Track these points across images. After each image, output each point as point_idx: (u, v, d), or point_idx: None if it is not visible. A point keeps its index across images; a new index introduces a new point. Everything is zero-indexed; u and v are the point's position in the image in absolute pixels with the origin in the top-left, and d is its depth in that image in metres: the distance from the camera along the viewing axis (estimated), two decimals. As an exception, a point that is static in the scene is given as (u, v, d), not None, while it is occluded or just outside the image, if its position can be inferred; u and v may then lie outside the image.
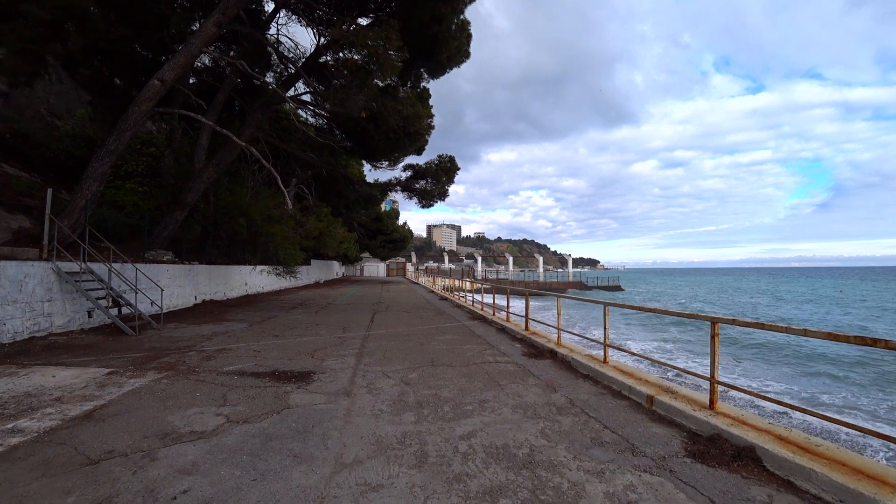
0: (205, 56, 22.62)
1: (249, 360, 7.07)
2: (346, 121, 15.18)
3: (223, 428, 4.17)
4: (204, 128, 17.00)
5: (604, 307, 6.73)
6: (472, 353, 7.89)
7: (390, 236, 50.48)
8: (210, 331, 10.14)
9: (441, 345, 8.63)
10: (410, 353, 7.70)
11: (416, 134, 14.43)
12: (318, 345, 8.42)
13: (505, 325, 10.99)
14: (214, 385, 5.59)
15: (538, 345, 8.51)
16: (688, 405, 4.80)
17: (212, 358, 7.18)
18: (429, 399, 5.10)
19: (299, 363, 6.84)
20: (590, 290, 63.98)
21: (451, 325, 11.54)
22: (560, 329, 8.28)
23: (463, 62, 14.22)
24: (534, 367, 6.91)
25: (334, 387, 5.55)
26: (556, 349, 7.84)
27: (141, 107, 11.66)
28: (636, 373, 6.16)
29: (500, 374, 6.34)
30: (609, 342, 6.72)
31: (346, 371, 6.36)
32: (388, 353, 7.67)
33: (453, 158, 18.85)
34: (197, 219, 18.37)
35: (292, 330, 10.37)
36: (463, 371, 6.48)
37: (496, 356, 7.65)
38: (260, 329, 10.47)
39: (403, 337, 9.52)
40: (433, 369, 6.56)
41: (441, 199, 19.92)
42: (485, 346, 8.55)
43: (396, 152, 16.36)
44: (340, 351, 7.86)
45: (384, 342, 8.81)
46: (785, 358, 18.41)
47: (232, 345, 8.37)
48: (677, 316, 5.62)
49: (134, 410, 4.64)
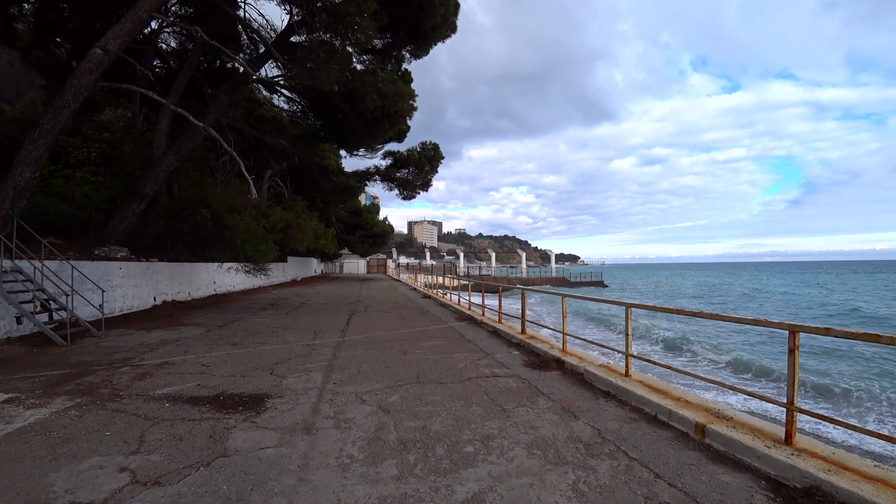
0: (171, 39, 21.02)
1: (193, 378, 5.73)
2: (317, 100, 13.71)
3: (121, 496, 2.88)
4: (164, 110, 15.44)
5: (626, 310, 5.58)
6: (464, 363, 6.68)
7: (370, 231, 48.89)
8: (159, 338, 8.73)
9: (427, 353, 7.39)
10: (391, 366, 6.44)
11: (397, 115, 12.95)
12: (281, 355, 7.10)
13: (498, 328, 9.81)
14: (136, 418, 4.27)
15: (540, 352, 7.34)
16: (756, 439, 3.68)
17: (147, 376, 5.82)
18: (416, 436, 3.86)
19: (253, 382, 5.53)
20: (577, 287, 63.43)
21: (437, 328, 10.32)
22: (566, 333, 7.13)
23: (449, 36, 12.91)
24: (541, 381, 5.73)
25: (291, 418, 4.27)
26: (563, 357, 6.69)
27: (81, 79, 10.12)
28: (668, 389, 5.04)
29: (503, 394, 5.14)
30: (631, 351, 5.58)
31: (309, 393, 5.08)
32: (365, 366, 6.40)
33: (437, 146, 17.44)
34: (159, 212, 16.78)
35: (255, 336, 9.01)
36: (456, 390, 5.26)
37: (493, 367, 6.45)
38: (218, 335, 9.09)
39: (383, 343, 8.25)
40: (419, 388, 5.32)
41: (424, 189, 18.54)
42: (478, 355, 7.35)
43: (374, 137, 14.80)
44: (307, 363, 6.56)
45: (360, 351, 7.53)
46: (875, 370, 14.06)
47: (178, 357, 7.00)
48: (738, 322, 4.47)
49: (4, 465, 3.30)
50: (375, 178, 19.19)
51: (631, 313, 5.57)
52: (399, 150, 18.16)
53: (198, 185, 15.65)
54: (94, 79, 10.34)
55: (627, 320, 5.57)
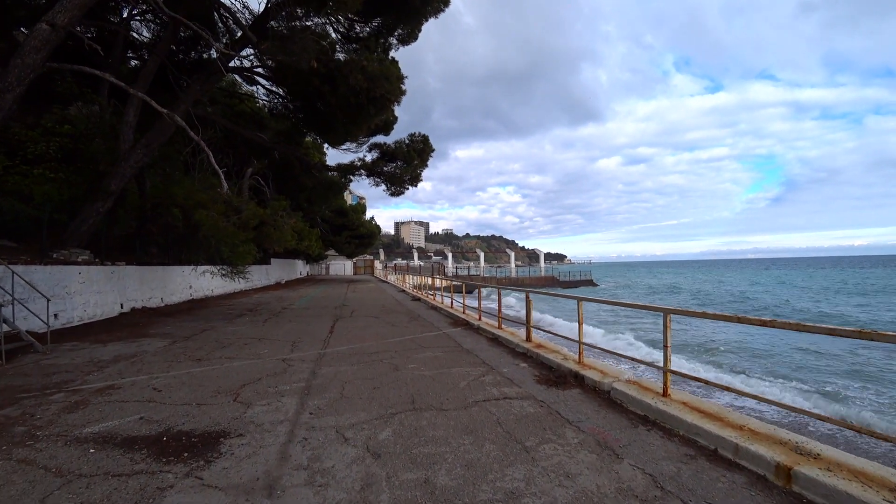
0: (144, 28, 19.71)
1: (137, 408, 4.67)
2: (296, 84, 12.46)
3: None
4: (131, 100, 14.21)
5: (664, 317, 4.65)
6: (466, 380, 5.69)
7: (357, 231, 47.58)
8: (113, 353, 7.60)
9: (422, 368, 6.38)
10: (381, 386, 5.41)
11: (383, 100, 11.69)
12: (251, 374, 6.03)
13: (498, 335, 8.84)
14: (43, 473, 3.21)
15: (553, 364, 6.38)
16: (865, 488, 2.77)
17: (81, 406, 4.74)
18: (417, 496, 2.87)
19: (211, 413, 4.49)
20: (572, 287, 62.87)
21: (430, 336, 9.32)
22: (583, 343, 6.18)
23: (441, 10, 11.81)
24: (562, 404, 4.78)
25: (250, 470, 3.24)
26: (581, 371, 5.75)
27: (26, 59, 8.95)
28: (721, 413, 4.12)
29: (521, 424, 4.17)
30: (671, 365, 4.66)
31: (278, 429, 4.05)
32: (349, 387, 5.37)
33: (426, 138, 16.33)
34: (128, 212, 15.54)
35: (225, 349, 7.92)
36: (462, 419, 4.27)
37: (502, 386, 5.47)
38: (182, 349, 7.99)
39: (371, 356, 7.22)
40: (416, 417, 4.32)
41: (413, 184, 17.37)
42: (481, 369, 6.37)
43: (359, 125, 13.53)
44: (280, 385, 5.50)
45: (344, 366, 6.49)
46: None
47: (128, 378, 5.91)
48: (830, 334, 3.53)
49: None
50: (361, 172, 17.97)
51: (670, 320, 4.64)
52: (386, 143, 17.03)
53: (169, 182, 14.43)
54: (42, 58, 9.16)
55: (666, 328, 4.64)
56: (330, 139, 15.96)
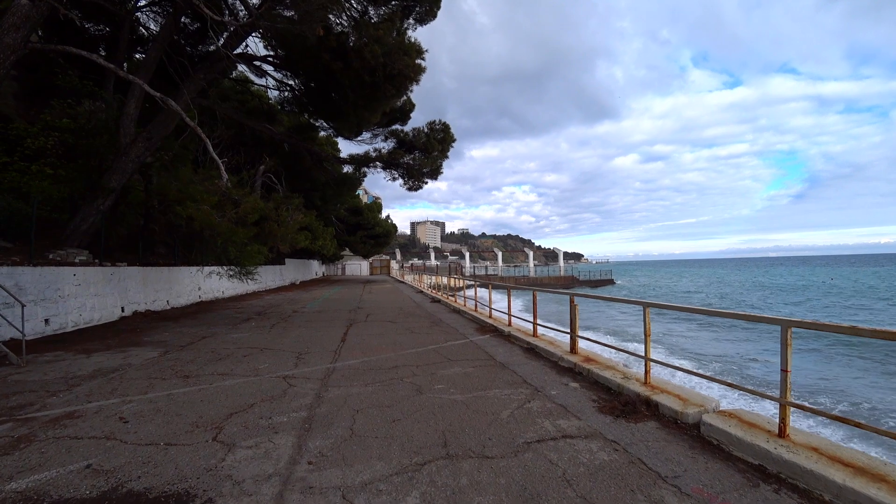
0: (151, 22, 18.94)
1: (89, 449, 3.61)
2: (302, 59, 11.20)
3: None
4: (132, 91, 13.38)
5: (784, 330, 3.43)
6: (509, 408, 4.52)
7: (372, 231, 46.58)
8: (93, 367, 6.61)
9: (451, 389, 5.22)
10: (402, 418, 4.26)
11: (401, 77, 10.37)
12: (242, 398, 4.94)
13: (535, 344, 7.65)
14: None
15: (611, 385, 5.18)
16: None
17: (22, 443, 3.71)
18: None
19: (179, 461, 3.39)
20: (594, 286, 61.30)
21: (456, 345, 8.16)
22: (650, 359, 4.98)
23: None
24: (641, 446, 3.58)
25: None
26: (653, 396, 4.55)
27: (3, 38, 8.04)
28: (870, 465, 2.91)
29: (597, 482, 2.98)
30: (790, 396, 3.44)
31: (263, 489, 2.92)
32: (361, 420, 4.23)
33: (447, 126, 15.05)
34: (132, 209, 14.71)
35: (220, 362, 6.87)
36: (516, 476, 3.09)
37: (555, 417, 4.29)
38: (172, 361, 6.96)
39: (388, 372, 6.09)
40: (452, 471, 3.16)
41: (432, 177, 16.07)
42: (523, 391, 5.18)
43: (374, 108, 12.22)
44: (275, 414, 4.39)
45: (357, 387, 5.35)
46: None
47: (95, 401, 4.88)
48: None
49: None
50: (376, 164, 16.70)
51: (791, 334, 3.43)
52: (403, 130, 15.86)
53: (171, 176, 13.50)
54: (22, 37, 8.26)
55: (786, 346, 3.42)
56: (342, 127, 14.68)
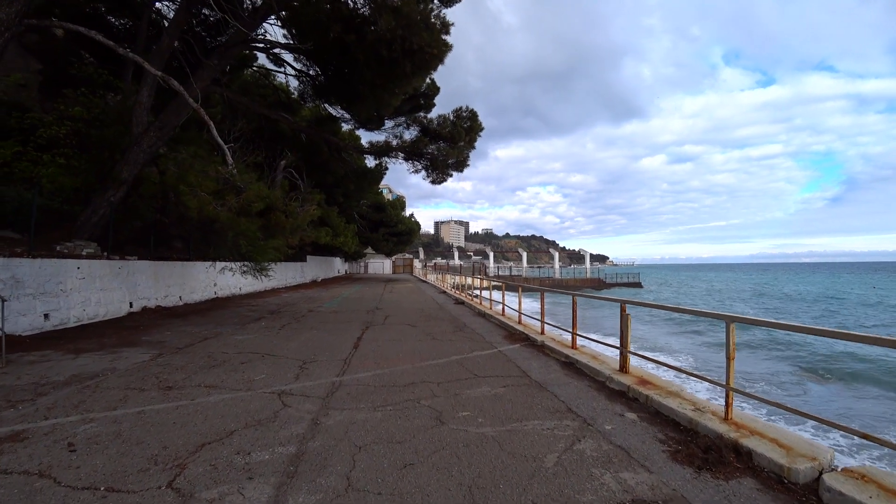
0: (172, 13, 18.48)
1: (13, 491, 2.76)
2: (312, 31, 10.20)
3: None
4: (145, 79, 12.78)
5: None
6: (554, 452, 3.48)
7: (395, 228, 45.79)
8: (72, 371, 5.85)
9: (479, 419, 4.18)
10: (417, 462, 3.26)
11: (422, 54, 9.13)
12: (222, 422, 4.03)
13: (575, 358, 6.57)
14: None
15: (679, 419, 4.10)
16: None
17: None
18: None
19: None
20: (612, 289, 59.46)
21: (483, 356, 7.15)
22: (732, 388, 3.89)
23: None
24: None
25: None
26: (741, 440, 3.47)
27: (-5, 12, 7.42)
28: None
29: None
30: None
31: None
32: (364, 462, 3.24)
33: (475, 113, 13.83)
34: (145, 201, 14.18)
35: (212, 370, 6.01)
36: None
37: (615, 465, 3.25)
38: (161, 367, 6.16)
39: (403, 392, 5.08)
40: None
41: (458, 169, 14.88)
42: (570, 423, 4.13)
43: (391, 89, 10.81)
44: (256, 449, 3.46)
45: (363, 411, 4.38)
46: None
47: (52, 418, 4.06)
48: None
49: None
50: (397, 154, 15.63)
51: None
52: (427, 117, 14.82)
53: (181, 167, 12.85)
54: (17, 12, 7.61)
55: None
56: (360, 113, 13.61)
